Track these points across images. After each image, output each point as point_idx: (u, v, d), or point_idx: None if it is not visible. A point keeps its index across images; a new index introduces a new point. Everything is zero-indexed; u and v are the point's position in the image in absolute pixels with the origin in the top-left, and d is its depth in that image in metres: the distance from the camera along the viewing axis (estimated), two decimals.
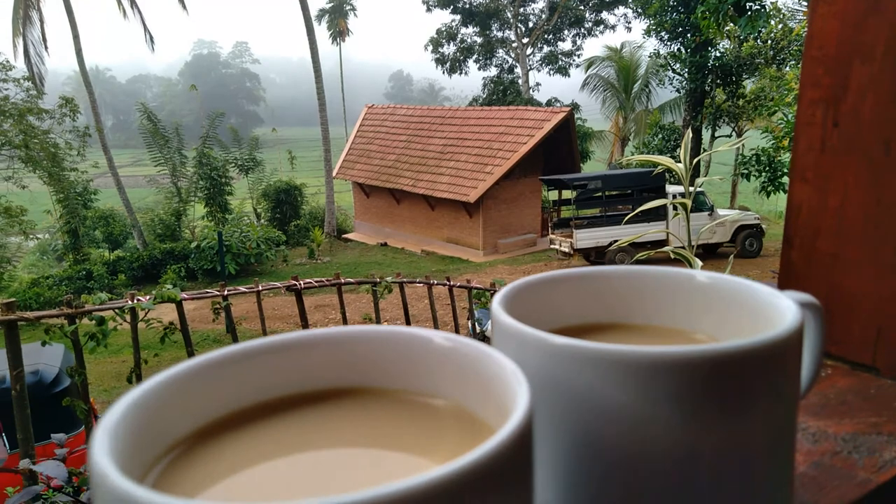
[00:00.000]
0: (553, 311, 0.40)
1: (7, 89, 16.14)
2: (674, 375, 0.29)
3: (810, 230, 0.43)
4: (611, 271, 0.41)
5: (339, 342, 0.34)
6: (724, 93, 19.24)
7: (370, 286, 4.29)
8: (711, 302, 0.38)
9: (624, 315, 0.41)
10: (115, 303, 3.11)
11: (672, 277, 0.40)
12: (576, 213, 16.49)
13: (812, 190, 0.43)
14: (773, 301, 0.35)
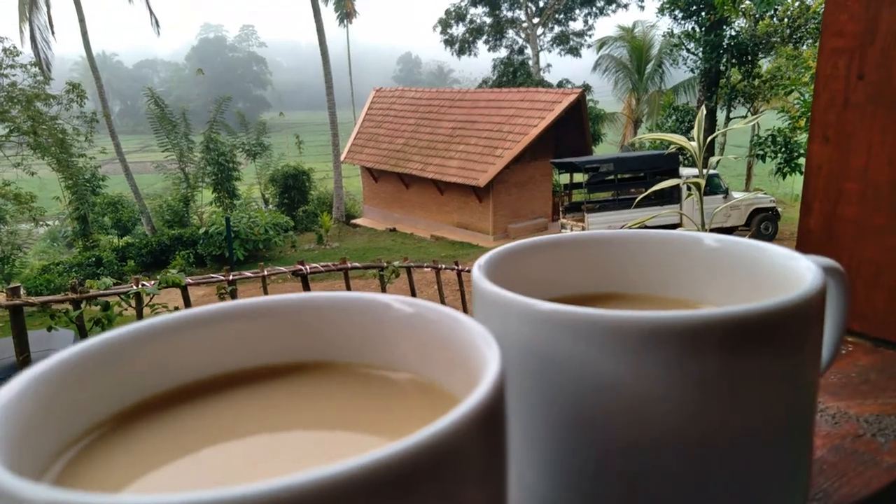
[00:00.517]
0: (542, 281, 0.35)
1: (14, 75, 16.15)
2: (678, 344, 0.26)
3: (831, 194, 0.38)
4: (608, 236, 0.37)
5: (287, 311, 0.30)
6: (740, 72, 18.88)
7: (377, 271, 4.25)
8: (720, 268, 0.34)
9: (623, 284, 0.36)
10: (120, 288, 3.10)
11: (676, 242, 0.35)
12: (587, 196, 16.34)
13: (833, 150, 0.38)
14: (790, 264, 0.31)
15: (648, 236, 0.36)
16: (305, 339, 0.30)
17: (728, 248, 0.34)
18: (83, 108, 17.30)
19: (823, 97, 0.39)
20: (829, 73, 0.38)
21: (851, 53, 0.37)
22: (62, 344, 6.24)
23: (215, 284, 3.69)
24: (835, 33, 0.39)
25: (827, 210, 0.38)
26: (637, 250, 0.36)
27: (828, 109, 0.39)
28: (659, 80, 27.72)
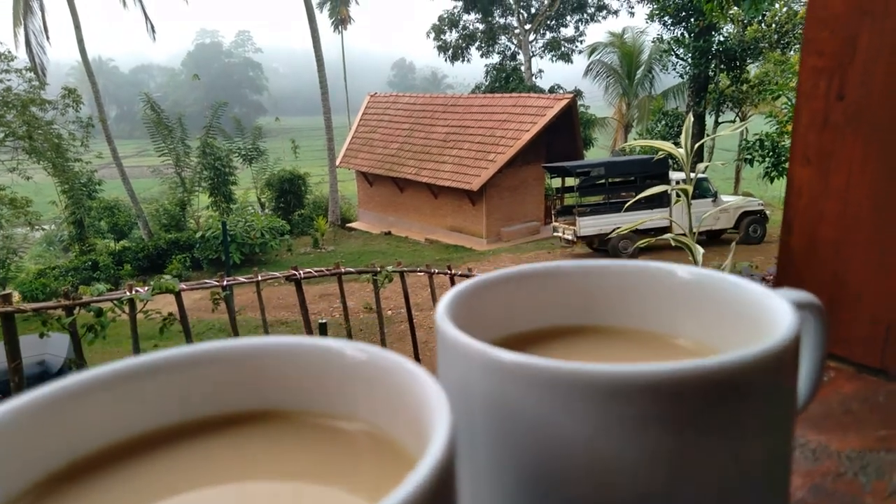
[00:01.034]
0: (513, 315, 0.35)
1: (9, 80, 16.10)
2: (643, 400, 0.24)
3: (812, 215, 0.39)
4: (580, 266, 0.36)
5: (233, 358, 0.29)
6: (728, 78, 19.03)
7: (371, 275, 4.25)
8: (696, 301, 0.33)
9: (596, 316, 0.35)
10: (113, 294, 3.09)
11: (650, 273, 0.35)
12: (579, 200, 16.40)
13: (814, 171, 0.38)
14: (765, 303, 0.30)
15: (623, 267, 0.35)
16: (257, 386, 0.29)
17: (702, 281, 0.33)
18: (79, 113, 17.26)
19: (804, 116, 0.40)
20: (809, 92, 0.39)
21: (831, 73, 0.38)
22: (57, 349, 6.20)
23: (209, 290, 3.68)
24: (815, 52, 0.40)
25: (808, 231, 0.39)
26: (611, 282, 0.35)
27: (808, 129, 0.39)
28: (649, 86, 27.87)
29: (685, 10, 18.33)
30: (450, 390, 0.26)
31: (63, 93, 16.86)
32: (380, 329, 4.20)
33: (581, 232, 15.42)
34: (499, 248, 18.65)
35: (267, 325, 3.90)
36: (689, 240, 2.21)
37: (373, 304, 11.58)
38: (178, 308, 3.23)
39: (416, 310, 8.89)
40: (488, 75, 31.24)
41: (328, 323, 6.64)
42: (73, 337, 2.90)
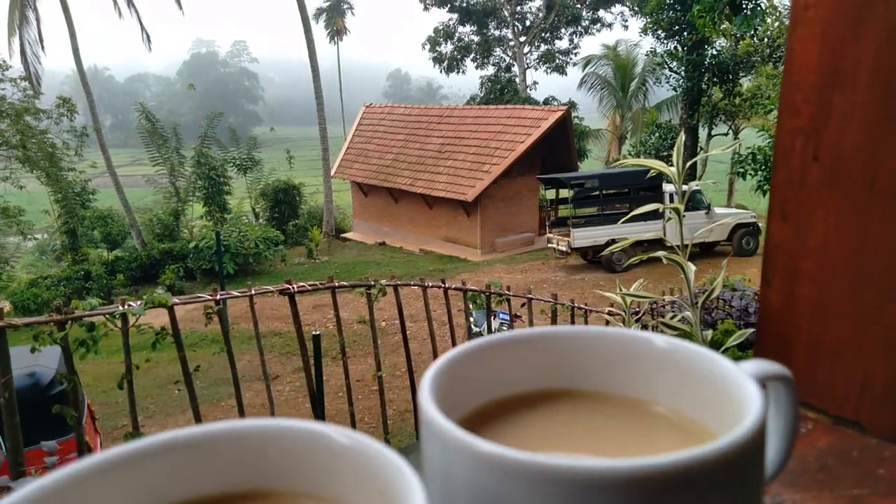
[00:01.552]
0: (499, 380, 0.36)
1: (3, 89, 16.07)
2: (612, 495, 0.25)
3: (789, 272, 0.40)
4: (561, 332, 0.37)
5: (227, 440, 0.31)
6: (721, 91, 19.19)
7: (365, 289, 4.25)
8: (671, 369, 0.34)
9: (575, 380, 0.37)
10: (106, 308, 3.07)
11: (629, 341, 0.36)
12: (573, 211, 16.47)
13: (791, 229, 0.40)
14: (736, 380, 0.31)
15: (601, 334, 0.36)
16: (251, 467, 0.31)
17: (677, 350, 0.34)
18: (74, 123, 17.24)
19: (781, 175, 0.41)
20: (786, 152, 0.40)
21: (807, 135, 0.39)
22: (48, 360, 6.14)
23: (203, 304, 3.67)
24: (791, 113, 0.41)
25: (786, 287, 0.40)
26: (592, 347, 0.36)
27: (786, 188, 0.41)
28: (643, 98, 28.09)
29: (678, 24, 18.52)
30: (431, 469, 0.29)
31: (58, 102, 16.84)
32: (373, 342, 4.19)
33: (575, 243, 15.47)
34: (493, 259, 18.67)
35: (260, 338, 3.89)
36: (680, 258, 2.23)
37: (366, 315, 11.55)
38: (171, 322, 3.22)
39: (410, 321, 8.88)
40: (483, 87, 31.41)
41: (322, 334, 6.65)
42: (64, 351, 2.88)
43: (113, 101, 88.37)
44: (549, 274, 16.08)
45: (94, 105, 20.40)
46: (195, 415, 3.40)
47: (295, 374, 10.28)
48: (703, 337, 2.38)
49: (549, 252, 17.50)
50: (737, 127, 20.89)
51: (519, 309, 6.38)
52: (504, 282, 17.21)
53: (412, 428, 5.46)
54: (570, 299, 6.25)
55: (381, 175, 21.69)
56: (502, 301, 5.78)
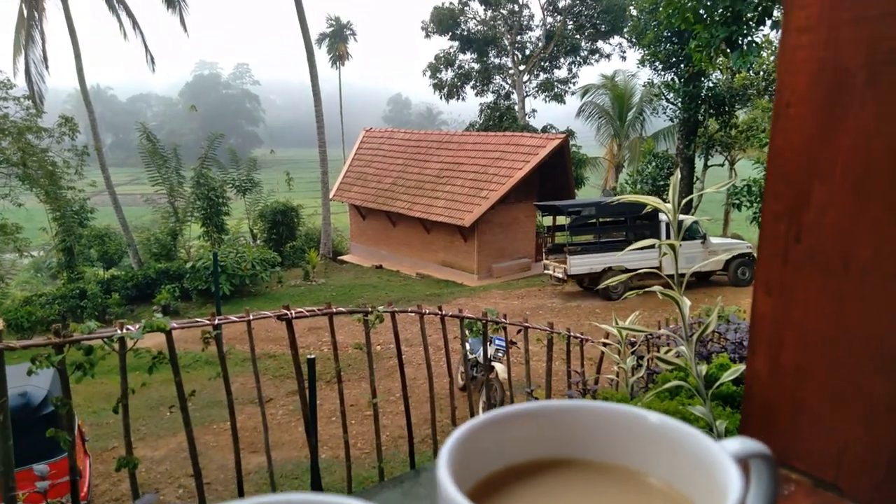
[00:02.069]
0: (505, 449, 0.40)
1: (7, 107, 16.20)
2: None
3: (774, 342, 0.44)
4: (563, 407, 0.41)
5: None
6: (717, 122, 19.45)
7: (362, 315, 4.27)
8: (663, 445, 0.38)
9: (574, 450, 0.40)
10: (104, 332, 3.07)
11: (624, 416, 0.39)
12: (570, 239, 16.55)
13: (775, 302, 0.43)
14: (719, 461, 0.34)
15: (600, 409, 0.40)
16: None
17: (667, 427, 0.37)
18: (75, 142, 17.35)
19: (766, 253, 0.44)
20: (771, 233, 0.44)
21: (790, 219, 0.43)
22: (40, 380, 6.10)
23: (201, 328, 3.68)
24: (775, 198, 0.45)
25: (771, 355, 0.43)
26: (591, 420, 0.39)
27: (770, 264, 0.44)
28: (640, 127, 28.44)
29: (675, 56, 18.84)
30: None
31: (60, 121, 16.96)
32: (370, 369, 4.19)
33: (571, 270, 15.51)
34: (489, 285, 18.69)
35: (256, 362, 3.89)
36: (676, 293, 2.26)
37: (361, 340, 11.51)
38: (168, 347, 3.22)
39: (406, 345, 8.87)
40: (482, 113, 31.79)
41: (316, 358, 6.63)
42: (61, 375, 2.88)
43: (114, 119, 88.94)
44: (545, 300, 16.09)
45: (96, 124, 20.54)
46: (189, 439, 3.39)
47: (288, 398, 10.20)
48: (697, 372, 2.39)
49: (545, 278, 17.53)
50: (733, 158, 21.12)
51: (515, 335, 6.39)
52: (500, 307, 17.21)
53: (405, 455, 5.42)
54: (567, 328, 6.26)
55: (380, 198, 21.81)
56: (499, 328, 5.79)
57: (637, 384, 3.79)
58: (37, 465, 2.97)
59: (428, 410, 4.64)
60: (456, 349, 9.21)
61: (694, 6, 8.22)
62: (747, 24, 8.22)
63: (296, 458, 7.82)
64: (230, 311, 17.45)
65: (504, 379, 7.23)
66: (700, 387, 2.45)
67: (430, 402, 4.86)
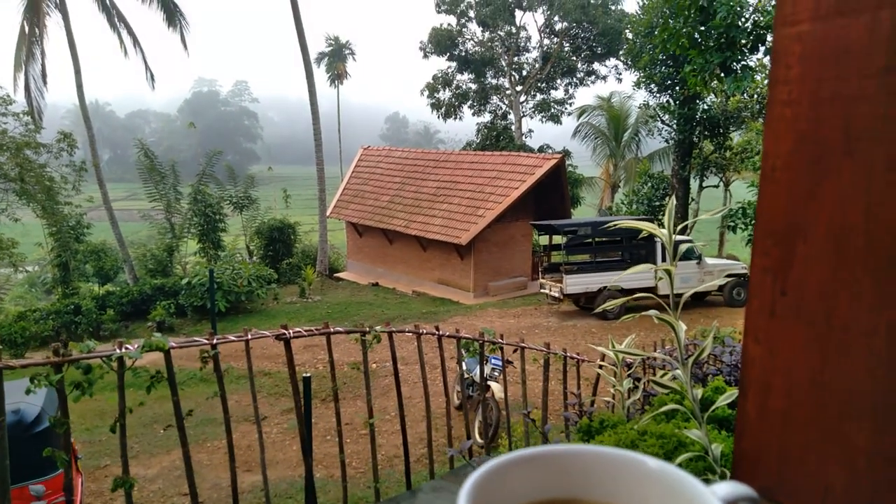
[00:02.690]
0: (517, 490, 0.44)
1: (6, 123, 16.26)
2: None
3: (762, 387, 0.47)
4: (569, 452, 0.45)
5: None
6: (712, 144, 19.65)
7: (359, 335, 4.29)
8: (659, 488, 0.42)
9: (583, 491, 0.44)
10: (103, 352, 3.09)
11: (625, 461, 0.43)
12: (566, 258, 16.61)
13: (763, 350, 0.47)
14: None
15: (603, 453, 0.44)
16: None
17: (665, 472, 0.41)
18: (73, 157, 17.40)
19: (755, 304, 0.48)
20: (758, 285, 0.48)
21: (776, 273, 0.47)
22: (34, 397, 6.06)
23: (199, 347, 3.69)
24: (762, 254, 0.49)
25: (760, 400, 0.47)
26: (595, 464, 0.43)
27: (758, 315, 0.48)
28: (636, 148, 28.70)
29: (671, 78, 19.09)
30: None
31: (59, 137, 17.02)
32: (366, 390, 4.20)
33: (568, 290, 15.55)
34: (486, 303, 18.70)
35: (254, 384, 3.89)
36: (671, 318, 2.29)
37: (357, 357, 11.45)
38: (167, 367, 3.24)
39: (402, 363, 8.87)
40: (480, 133, 32.06)
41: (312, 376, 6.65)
42: (59, 394, 2.89)
43: (112, 135, 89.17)
44: (541, 319, 16.10)
45: (94, 140, 20.63)
46: (185, 460, 3.38)
47: (283, 416, 10.14)
48: (693, 395, 2.42)
49: (541, 297, 17.56)
50: (727, 179, 21.31)
51: (511, 354, 6.40)
52: (496, 326, 17.15)
53: (401, 474, 5.41)
54: (563, 348, 6.27)
55: (377, 216, 21.89)
56: (495, 348, 5.81)
57: (633, 406, 3.81)
58: (32, 484, 2.96)
59: (423, 430, 4.63)
60: (452, 367, 9.21)
61: (689, 32, 8.36)
62: (741, 49, 8.35)
63: (290, 477, 7.77)
64: (226, 328, 17.40)
65: (500, 398, 7.22)
66: (696, 410, 2.47)
67: (427, 422, 4.86)
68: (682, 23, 11.17)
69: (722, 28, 8.52)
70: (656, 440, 3.10)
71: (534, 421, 4.24)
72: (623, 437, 3.12)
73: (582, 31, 30.53)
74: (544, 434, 4.57)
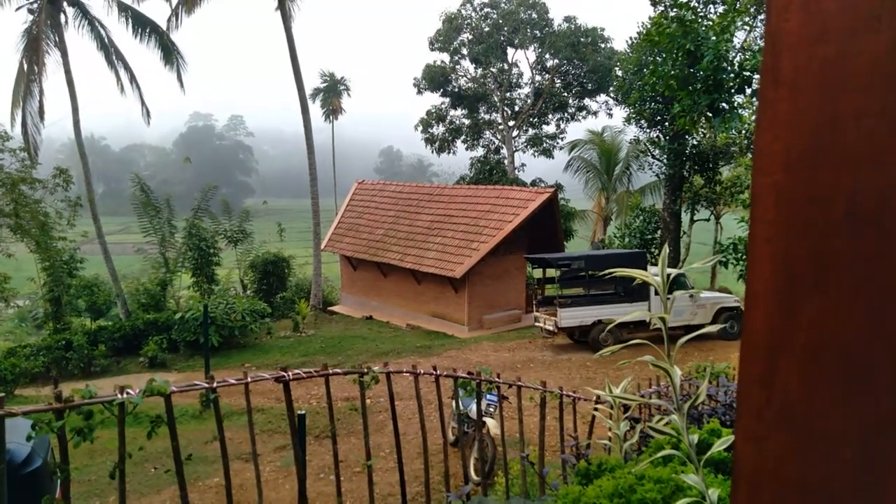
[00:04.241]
0: None
1: (2, 159, 16.35)
2: None
3: (753, 485, 0.53)
4: None
5: None
6: (702, 178, 19.97)
7: (357, 376, 4.32)
8: None
9: None
10: (104, 398, 3.11)
11: None
12: (560, 291, 16.68)
13: (752, 450, 0.53)
14: None
15: None
16: None
17: None
18: (68, 192, 17.45)
19: (744, 408, 0.55)
20: (746, 392, 0.55)
21: (762, 384, 0.54)
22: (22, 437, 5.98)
23: (197, 391, 3.70)
24: (749, 365, 0.56)
25: (751, 496, 0.53)
26: None
27: (747, 418, 0.55)
28: (627, 181, 29.11)
29: (660, 114, 19.50)
30: None
31: (55, 172, 17.11)
32: (364, 431, 4.22)
33: (562, 323, 15.58)
34: (480, 336, 18.67)
35: (252, 423, 3.91)
36: (667, 364, 2.36)
37: (351, 392, 11.37)
38: (167, 411, 3.26)
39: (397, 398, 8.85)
40: (473, 167, 32.48)
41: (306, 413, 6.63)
42: (60, 441, 2.90)
43: (106, 168, 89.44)
44: (536, 353, 16.08)
45: (90, 176, 20.73)
46: (183, 502, 3.38)
47: (276, 454, 10.02)
48: (689, 441, 2.47)
49: (536, 331, 17.57)
50: (718, 212, 21.59)
51: (507, 390, 6.41)
52: (491, 360, 17.06)
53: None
54: (559, 386, 6.29)
55: (371, 249, 21.97)
56: (492, 386, 5.82)
57: (631, 447, 3.83)
58: None
59: (418, 467, 4.61)
60: (447, 402, 9.17)
61: (677, 74, 8.61)
62: (728, 91, 8.60)
63: None
64: (219, 363, 17.23)
65: (496, 434, 7.19)
66: (692, 455, 2.52)
67: (424, 462, 4.85)
68: (670, 65, 11.52)
69: (709, 71, 8.82)
70: (654, 485, 3.12)
71: (532, 464, 4.25)
72: (622, 482, 3.15)
73: (573, 67, 31.24)
74: (542, 477, 4.57)
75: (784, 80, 0.47)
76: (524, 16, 30.92)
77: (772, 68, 0.48)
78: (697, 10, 13.59)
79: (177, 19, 20.32)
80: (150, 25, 21.76)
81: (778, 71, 0.47)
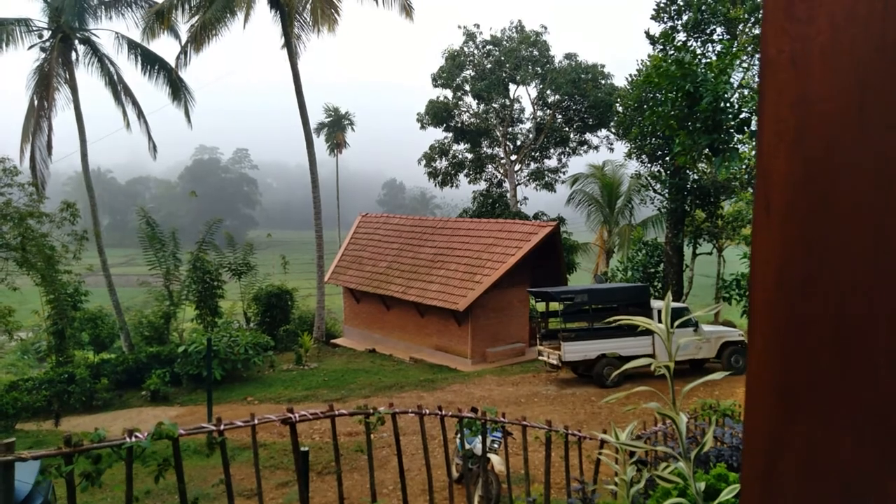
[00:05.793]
0: None
1: (11, 193, 16.56)
2: None
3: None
4: None
5: None
6: (704, 212, 20.08)
7: (363, 417, 4.33)
8: None
9: None
10: (112, 441, 3.13)
11: None
12: (563, 325, 16.65)
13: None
14: None
15: None
16: None
17: None
18: (75, 226, 17.62)
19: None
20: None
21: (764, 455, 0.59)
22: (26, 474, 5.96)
23: (204, 433, 3.72)
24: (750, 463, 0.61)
25: None
26: None
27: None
28: (629, 214, 29.27)
29: (660, 149, 19.71)
30: None
31: (62, 206, 17.29)
32: (370, 472, 4.22)
33: (566, 357, 15.51)
34: (483, 370, 18.56)
35: (259, 466, 3.91)
36: (673, 412, 2.39)
37: (353, 427, 11.26)
38: (174, 455, 3.27)
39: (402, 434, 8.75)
40: (476, 200, 32.74)
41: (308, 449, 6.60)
42: (69, 486, 2.92)
43: (112, 201, 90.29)
44: (540, 387, 15.95)
45: (96, 209, 20.94)
46: None
47: (278, 490, 9.91)
48: (696, 489, 2.48)
49: (539, 364, 17.46)
50: (720, 246, 21.64)
51: (511, 426, 6.38)
52: (495, 394, 16.87)
53: None
54: (565, 426, 6.27)
55: (374, 282, 22.01)
56: (497, 426, 5.81)
57: (638, 492, 3.81)
58: None
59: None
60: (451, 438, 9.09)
61: (677, 115, 8.77)
62: (727, 131, 8.73)
63: None
64: (221, 397, 17.10)
65: (501, 471, 7.12)
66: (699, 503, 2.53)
67: (430, 500, 4.82)
68: (669, 106, 11.74)
69: (708, 112, 8.98)
70: None
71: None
72: None
73: (574, 103, 31.72)
74: None
75: (775, 209, 0.53)
76: (525, 53, 31.55)
77: (764, 196, 0.54)
78: (696, 52, 13.87)
79: (185, 56, 20.78)
80: (158, 62, 22.24)
81: (769, 200, 0.54)
